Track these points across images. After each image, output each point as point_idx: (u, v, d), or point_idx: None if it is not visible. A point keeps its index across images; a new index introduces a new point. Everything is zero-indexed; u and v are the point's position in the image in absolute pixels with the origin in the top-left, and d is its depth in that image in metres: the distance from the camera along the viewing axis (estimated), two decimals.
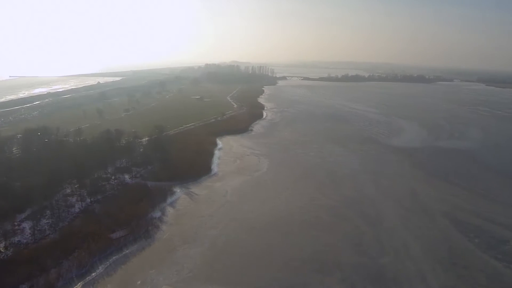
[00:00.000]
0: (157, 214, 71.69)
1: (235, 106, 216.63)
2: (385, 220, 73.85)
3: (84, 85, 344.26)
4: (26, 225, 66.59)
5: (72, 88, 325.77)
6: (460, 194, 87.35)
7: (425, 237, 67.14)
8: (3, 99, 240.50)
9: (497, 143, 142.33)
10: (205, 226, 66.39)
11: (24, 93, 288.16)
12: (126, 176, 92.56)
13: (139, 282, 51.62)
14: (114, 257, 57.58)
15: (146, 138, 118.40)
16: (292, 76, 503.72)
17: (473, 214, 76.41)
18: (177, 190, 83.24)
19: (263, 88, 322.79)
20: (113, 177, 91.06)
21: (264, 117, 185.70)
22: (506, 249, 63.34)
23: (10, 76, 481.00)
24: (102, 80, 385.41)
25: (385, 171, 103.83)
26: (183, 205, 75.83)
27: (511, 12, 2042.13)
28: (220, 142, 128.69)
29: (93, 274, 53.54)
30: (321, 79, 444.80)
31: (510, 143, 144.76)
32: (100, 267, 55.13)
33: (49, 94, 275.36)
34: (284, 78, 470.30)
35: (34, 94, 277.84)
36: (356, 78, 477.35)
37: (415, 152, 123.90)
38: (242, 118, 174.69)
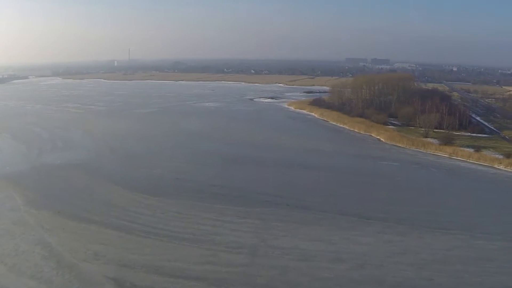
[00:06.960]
0: None
1: None
2: None
3: None
4: None
5: None
6: (138, 244, 50.24)
7: None
8: None
9: (114, 147, 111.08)
10: None
11: None
12: None
13: None
14: None
15: None
16: None
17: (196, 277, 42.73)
18: None
19: None
20: None
21: None
22: None
23: None
24: None
25: None
26: None
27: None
28: None
29: None
30: None
31: (127, 144, 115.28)
32: None
33: None
34: None
35: None
36: None
37: (22, 179, 75.66)
38: None
